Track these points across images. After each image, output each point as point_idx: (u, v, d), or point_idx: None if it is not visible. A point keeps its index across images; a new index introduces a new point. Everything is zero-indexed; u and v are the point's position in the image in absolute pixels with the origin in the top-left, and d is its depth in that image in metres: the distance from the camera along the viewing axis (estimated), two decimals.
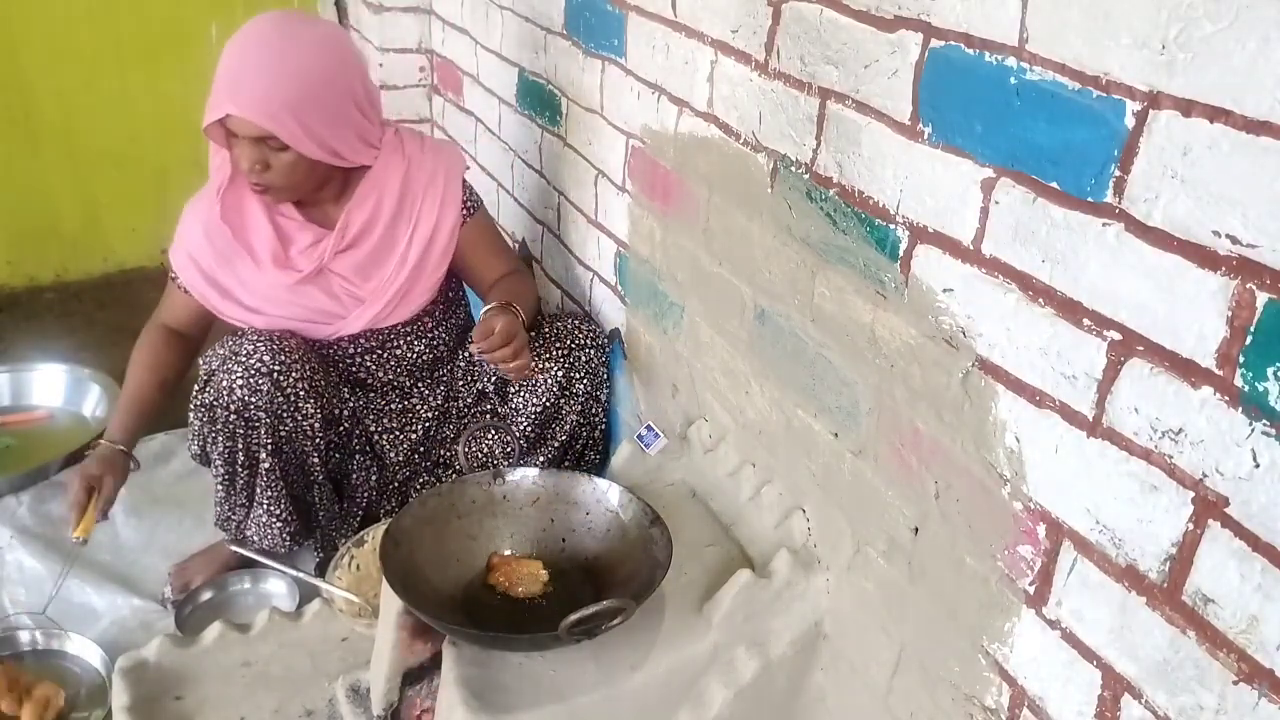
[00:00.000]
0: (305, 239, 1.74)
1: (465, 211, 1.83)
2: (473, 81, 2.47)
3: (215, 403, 1.65)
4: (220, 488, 1.76)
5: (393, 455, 1.88)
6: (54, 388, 2.44)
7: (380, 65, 2.72)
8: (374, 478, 1.88)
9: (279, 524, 1.76)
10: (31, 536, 1.94)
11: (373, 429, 1.87)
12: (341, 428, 1.82)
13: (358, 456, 1.87)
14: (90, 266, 3.04)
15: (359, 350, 1.84)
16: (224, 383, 1.64)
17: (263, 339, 1.66)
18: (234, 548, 1.81)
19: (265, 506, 1.74)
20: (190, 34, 2.90)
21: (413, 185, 1.77)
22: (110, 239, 3.04)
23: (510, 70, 2.21)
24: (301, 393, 1.67)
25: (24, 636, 1.72)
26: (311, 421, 1.70)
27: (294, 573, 1.77)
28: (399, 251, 1.78)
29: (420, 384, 1.92)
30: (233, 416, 1.65)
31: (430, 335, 1.89)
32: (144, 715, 1.47)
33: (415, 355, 1.88)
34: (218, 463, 1.72)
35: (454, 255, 1.84)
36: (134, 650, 1.56)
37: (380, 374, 1.87)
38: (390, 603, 1.31)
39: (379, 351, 1.85)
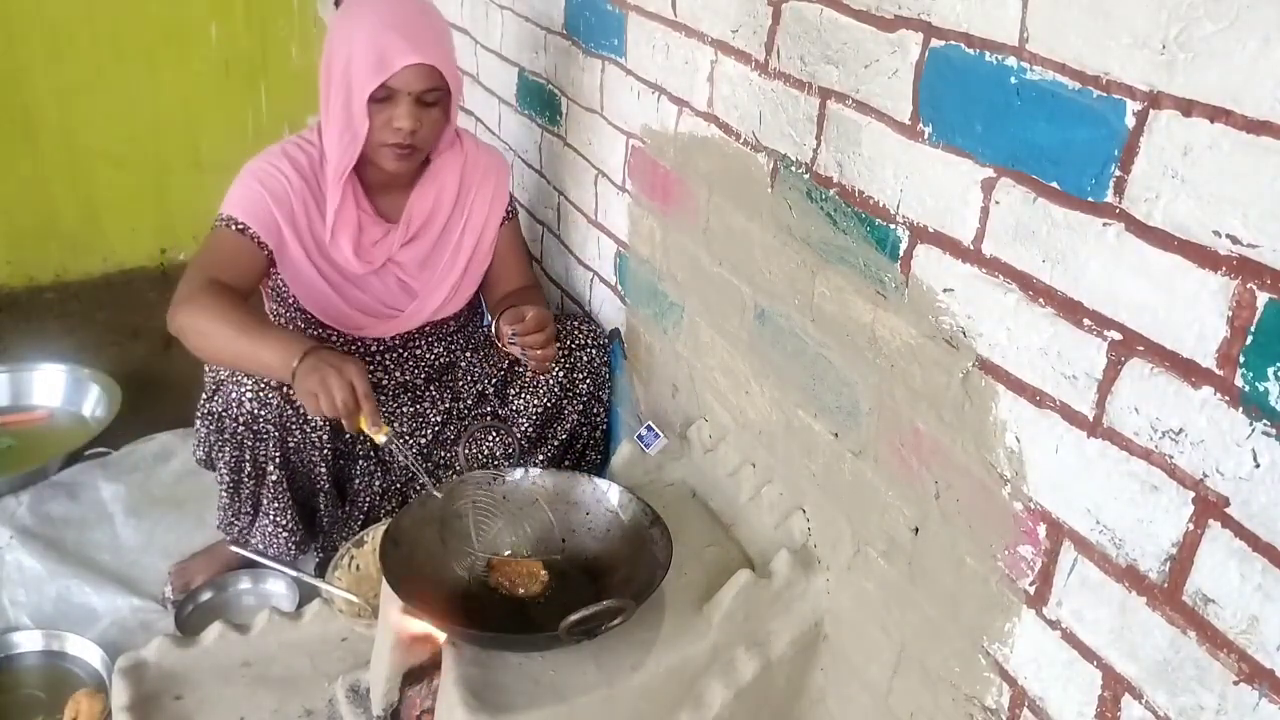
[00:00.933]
0: (376, 232, 1.76)
1: (507, 213, 1.87)
2: (473, 81, 2.47)
3: (224, 413, 1.64)
4: (225, 494, 1.75)
5: (400, 459, 1.87)
6: (54, 388, 2.44)
7: None
8: (378, 482, 1.87)
9: (284, 534, 1.76)
10: (31, 537, 1.94)
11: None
12: (348, 435, 1.81)
13: (361, 461, 1.86)
14: (90, 266, 3.04)
15: (381, 349, 1.84)
16: (233, 394, 1.62)
17: None
18: (234, 548, 1.81)
19: (271, 517, 1.74)
20: (190, 34, 2.90)
21: (469, 179, 1.81)
22: (110, 239, 3.04)
23: (510, 70, 2.21)
24: None
25: (24, 637, 1.72)
26: (320, 433, 1.69)
27: (294, 573, 1.77)
28: (453, 244, 1.82)
29: (432, 386, 1.91)
30: (241, 428, 1.64)
31: (450, 339, 1.90)
32: (144, 715, 1.47)
33: (434, 357, 1.89)
34: (223, 471, 1.71)
35: (498, 255, 1.88)
36: (134, 650, 1.56)
37: (398, 374, 1.87)
38: (390, 603, 1.31)
39: (400, 350, 1.86)
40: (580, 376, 1.84)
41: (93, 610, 1.81)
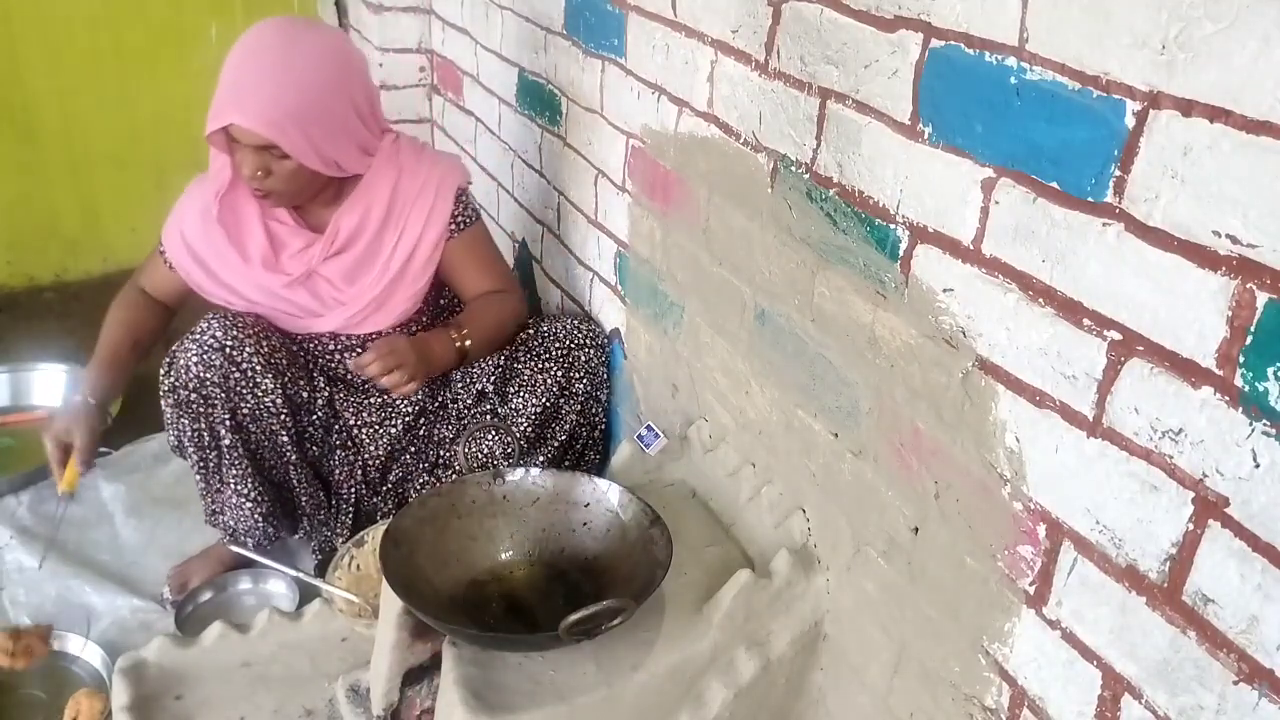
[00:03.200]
0: (297, 244, 1.75)
1: (454, 226, 1.82)
2: (473, 81, 2.47)
3: (177, 384, 1.69)
4: (198, 476, 1.78)
5: (372, 449, 1.88)
6: (54, 388, 2.44)
7: (380, 65, 2.72)
8: (358, 473, 1.88)
9: (249, 504, 1.77)
10: (31, 537, 1.95)
11: (352, 422, 1.87)
12: (315, 416, 1.83)
13: (340, 452, 1.87)
14: (90, 266, 3.04)
15: (340, 348, 1.85)
16: (180, 362, 1.68)
17: (217, 317, 1.70)
18: (233, 548, 1.81)
19: (234, 486, 1.76)
20: (190, 35, 2.90)
21: (402, 195, 1.77)
22: (110, 239, 3.04)
23: (510, 70, 2.21)
24: (257, 367, 1.69)
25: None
26: (273, 397, 1.71)
27: (294, 573, 1.77)
28: (383, 259, 1.78)
29: None
30: (192, 395, 1.68)
31: (419, 333, 1.88)
32: (144, 715, 1.47)
33: None
34: (190, 449, 1.75)
35: (440, 268, 1.84)
36: (134, 650, 1.56)
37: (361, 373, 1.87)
38: (390, 603, 1.31)
39: (359, 350, 1.84)
40: (578, 376, 1.84)
41: (93, 610, 1.81)
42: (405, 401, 1.89)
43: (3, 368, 2.45)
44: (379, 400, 1.88)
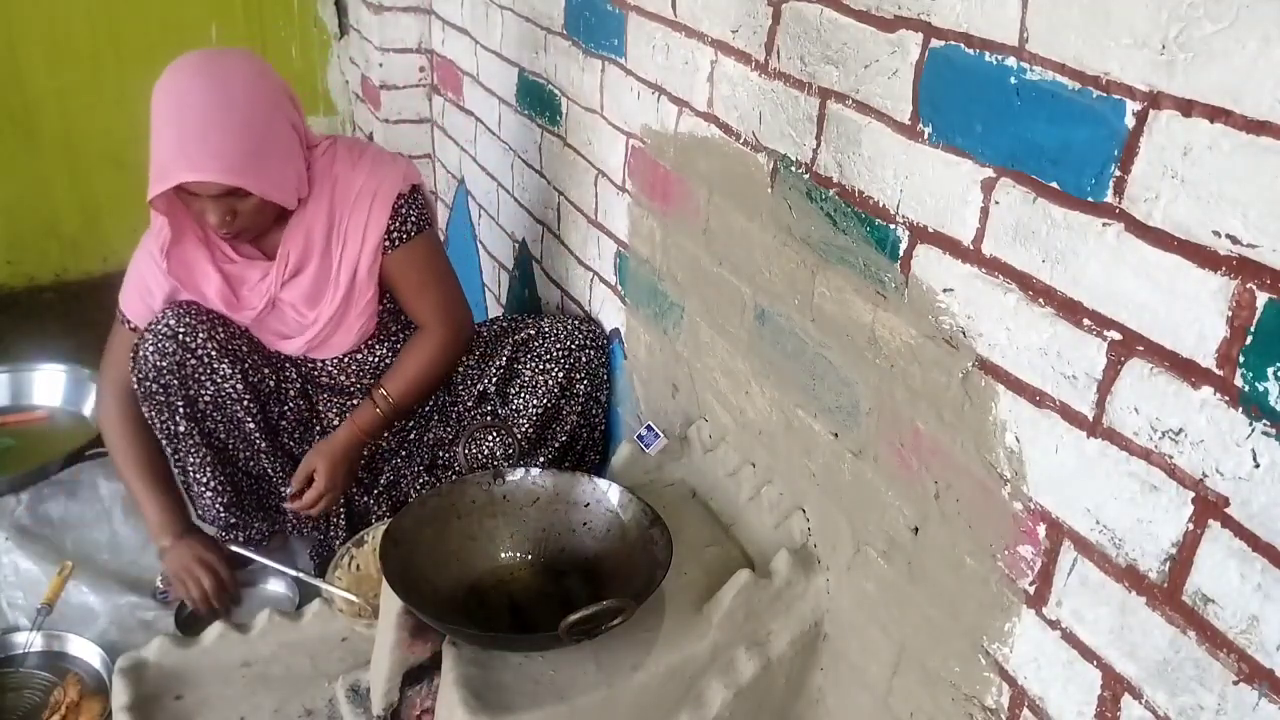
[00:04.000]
0: (253, 276, 1.71)
1: (389, 241, 1.69)
2: (473, 81, 2.47)
3: (140, 377, 1.69)
4: (177, 471, 1.78)
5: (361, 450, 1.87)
6: (54, 388, 2.44)
7: (380, 65, 2.72)
8: None
9: (210, 494, 1.77)
10: (30, 537, 1.94)
11: (336, 421, 1.86)
12: (287, 406, 1.82)
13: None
14: (90, 266, 3.04)
15: (320, 363, 1.83)
16: (140, 354, 1.68)
17: (172, 307, 1.69)
18: (234, 548, 1.81)
19: (193, 475, 1.76)
20: (190, 34, 2.90)
21: (338, 206, 1.68)
22: (110, 239, 3.04)
23: (510, 70, 2.21)
24: (213, 352, 1.68)
25: (24, 638, 1.72)
26: (233, 383, 1.70)
27: (294, 573, 1.77)
28: (333, 276, 1.72)
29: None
30: (153, 385, 1.68)
31: (395, 338, 1.85)
32: (144, 715, 1.47)
33: (378, 359, 1.84)
34: (163, 442, 1.75)
35: (381, 284, 1.74)
36: (134, 650, 1.56)
37: (343, 378, 1.86)
38: (390, 603, 1.31)
39: (341, 357, 1.83)
40: (579, 377, 1.84)
41: (92, 610, 1.81)
42: None
43: (3, 368, 2.45)
44: (362, 401, 1.88)
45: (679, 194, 1.58)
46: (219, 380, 1.70)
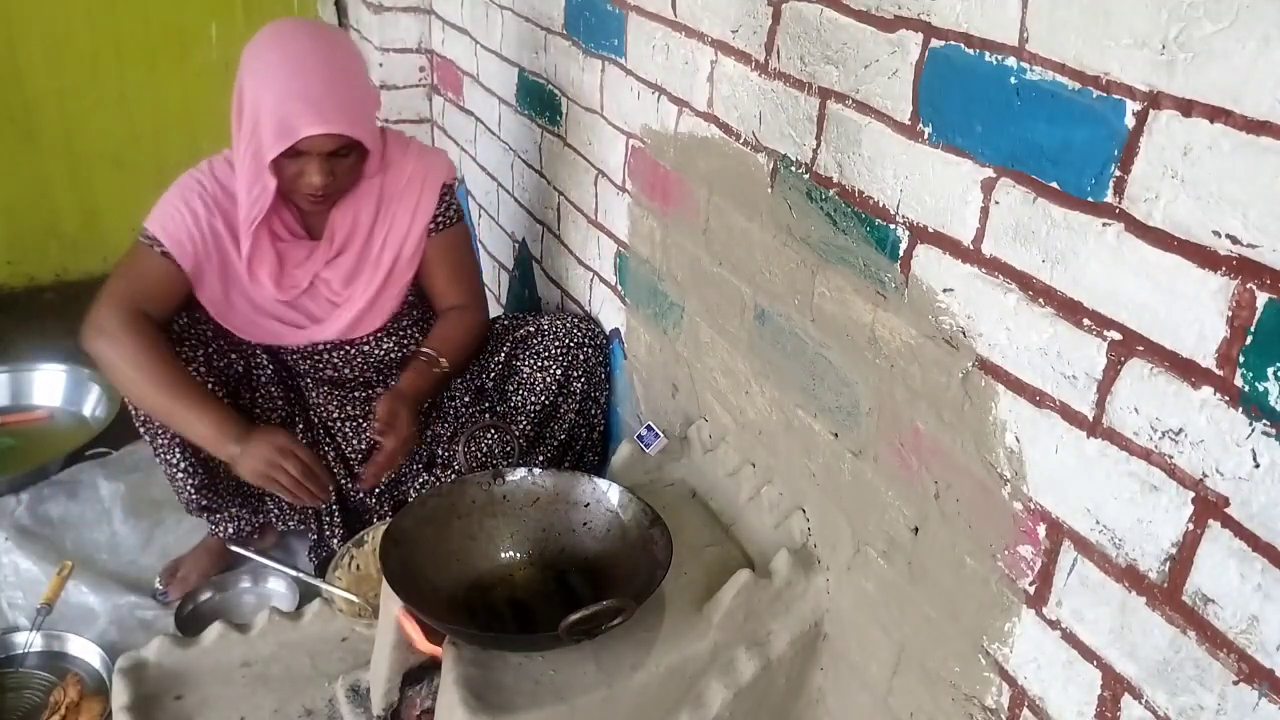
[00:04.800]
0: (299, 254, 1.74)
1: (435, 224, 1.80)
2: (473, 81, 2.47)
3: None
4: (159, 463, 1.78)
5: (355, 443, 1.88)
6: (54, 388, 2.44)
7: (380, 65, 2.72)
8: (339, 466, 1.88)
9: (181, 474, 1.76)
10: (30, 537, 1.95)
11: (335, 415, 1.86)
12: (259, 394, 1.82)
13: (321, 446, 1.88)
14: (90, 266, 3.04)
15: (327, 346, 1.84)
16: None
17: None
18: (233, 548, 1.81)
19: (162, 454, 1.75)
20: (190, 34, 2.90)
21: (389, 189, 1.77)
22: (110, 239, 3.03)
23: (510, 70, 2.21)
24: (175, 335, 1.67)
25: (24, 638, 1.72)
26: (197, 366, 1.68)
27: (293, 572, 1.77)
28: (374, 256, 1.78)
29: (390, 379, 1.89)
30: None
31: (402, 333, 1.87)
32: (144, 715, 1.47)
33: (383, 352, 1.86)
34: (141, 432, 1.75)
35: (424, 270, 1.83)
36: (134, 650, 1.56)
37: (347, 370, 1.86)
38: (390, 603, 1.31)
39: (346, 348, 1.84)
40: (576, 375, 1.84)
41: (92, 610, 1.82)
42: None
43: (3, 368, 2.45)
44: (363, 395, 1.88)
45: (679, 194, 1.58)
46: (184, 361, 1.68)
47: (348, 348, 1.84)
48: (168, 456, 1.75)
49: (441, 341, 1.80)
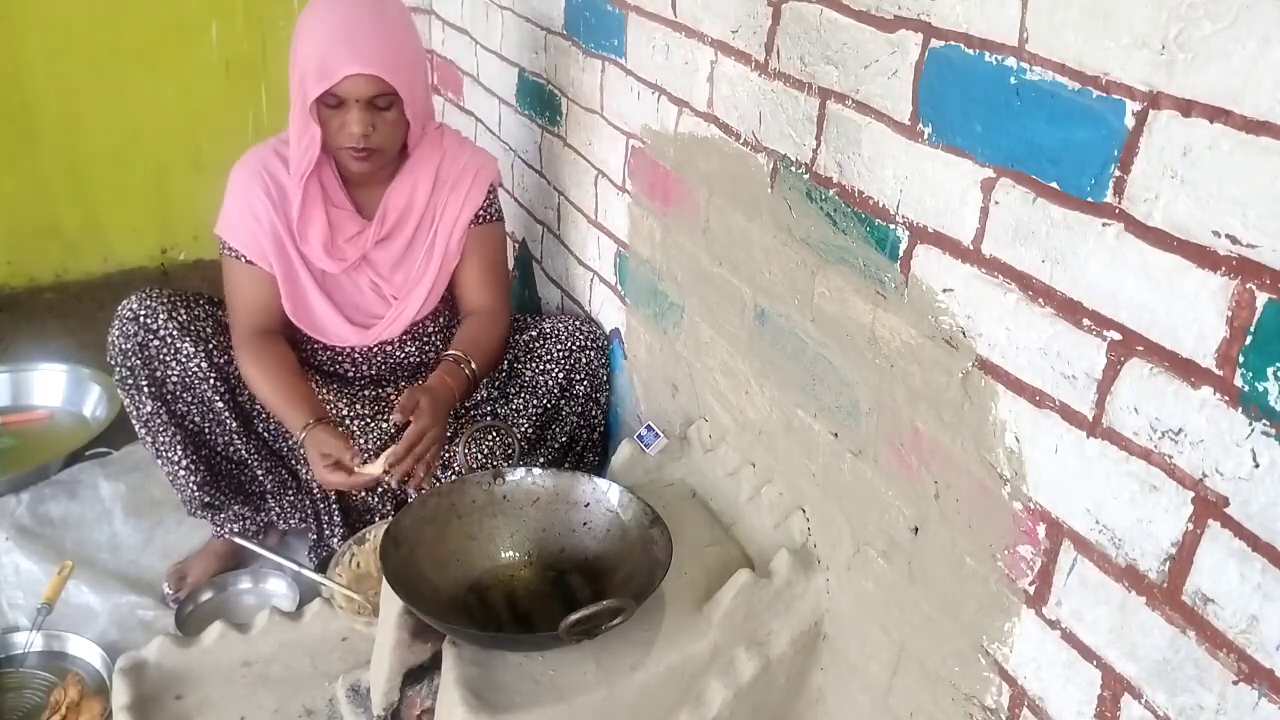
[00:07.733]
0: (351, 228, 1.75)
1: (479, 217, 1.82)
2: (473, 81, 2.47)
3: (111, 364, 1.72)
4: (151, 453, 1.79)
5: (363, 441, 1.87)
6: (54, 388, 2.44)
7: None
8: None
9: (184, 471, 1.78)
10: (30, 537, 1.94)
11: (345, 413, 1.86)
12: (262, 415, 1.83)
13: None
14: (90, 266, 3.04)
15: (349, 348, 1.84)
16: (108, 341, 1.71)
17: (136, 293, 1.72)
18: (237, 539, 1.81)
19: (165, 454, 1.77)
20: (190, 34, 2.90)
21: (444, 176, 1.79)
22: (110, 239, 3.04)
23: (510, 70, 2.21)
24: (174, 332, 1.71)
25: (24, 638, 1.72)
26: (197, 362, 1.72)
27: (294, 566, 1.77)
28: (426, 243, 1.79)
29: (402, 381, 1.90)
30: (121, 369, 1.72)
31: (425, 338, 1.87)
32: (144, 715, 1.47)
33: (404, 355, 1.87)
34: (141, 433, 1.77)
35: (462, 260, 1.84)
36: (134, 650, 1.56)
37: (366, 368, 1.87)
38: (390, 602, 1.31)
39: (369, 347, 1.84)
40: (578, 378, 1.84)
41: (92, 610, 1.81)
42: (400, 396, 1.87)
43: (3, 368, 2.45)
44: (373, 394, 1.88)
45: (679, 194, 1.58)
46: (183, 360, 1.72)
47: (370, 347, 1.84)
48: (170, 455, 1.76)
49: (471, 344, 1.76)
